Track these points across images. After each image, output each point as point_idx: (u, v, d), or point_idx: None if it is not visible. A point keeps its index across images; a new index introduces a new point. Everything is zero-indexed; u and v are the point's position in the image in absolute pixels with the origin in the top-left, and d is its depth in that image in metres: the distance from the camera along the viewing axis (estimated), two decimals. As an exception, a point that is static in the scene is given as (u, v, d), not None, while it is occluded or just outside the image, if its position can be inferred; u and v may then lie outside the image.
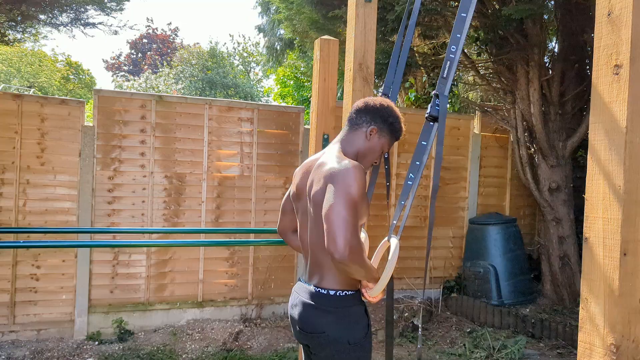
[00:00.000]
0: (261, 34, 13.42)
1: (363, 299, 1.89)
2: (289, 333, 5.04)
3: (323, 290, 1.84)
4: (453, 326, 5.48)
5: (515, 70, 5.69)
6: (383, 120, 1.95)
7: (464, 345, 4.89)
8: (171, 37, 27.60)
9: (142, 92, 13.72)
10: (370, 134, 1.94)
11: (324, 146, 3.25)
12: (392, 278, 1.85)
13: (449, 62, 1.70)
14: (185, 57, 20.19)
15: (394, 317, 5.39)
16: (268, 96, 20.34)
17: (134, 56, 27.34)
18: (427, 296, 6.11)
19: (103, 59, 36.91)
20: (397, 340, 5.01)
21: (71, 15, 4.98)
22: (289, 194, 2.11)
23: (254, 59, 23.29)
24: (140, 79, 20.95)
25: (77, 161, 4.81)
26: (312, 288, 1.87)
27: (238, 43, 26.25)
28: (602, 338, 1.23)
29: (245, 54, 23.42)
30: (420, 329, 1.92)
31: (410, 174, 1.83)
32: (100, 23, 5.21)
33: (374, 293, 1.82)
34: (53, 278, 4.73)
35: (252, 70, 23.97)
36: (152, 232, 4.73)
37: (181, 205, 5.19)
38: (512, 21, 4.99)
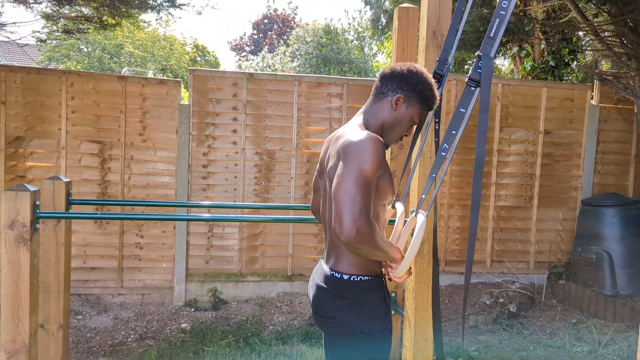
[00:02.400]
0: (367, 7, 13.47)
1: (387, 278, 1.81)
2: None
3: (337, 274, 1.78)
4: (557, 315, 5.33)
5: (640, 31, 5.24)
6: (411, 88, 1.80)
7: (565, 336, 4.77)
8: (291, 16, 28.57)
9: (234, 70, 14.45)
10: (397, 103, 1.81)
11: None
12: (437, 264, 1.85)
13: (497, 20, 1.56)
14: (300, 35, 20.80)
15: (488, 302, 5.38)
16: (377, 71, 20.35)
17: (256, 36, 28.81)
18: (530, 281, 5.97)
19: (227, 41, 39.18)
20: (490, 327, 5.01)
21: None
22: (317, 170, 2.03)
23: (369, 34, 23.36)
24: (257, 58, 22.08)
25: (175, 138, 5.35)
26: (327, 270, 1.82)
27: (353, 18, 26.44)
28: None
29: (360, 29, 23.54)
30: (463, 321, 1.79)
31: (445, 144, 1.69)
32: (185, 4, 5.65)
33: (398, 273, 1.73)
34: (154, 247, 5.36)
35: (367, 45, 24.06)
36: (244, 208, 5.13)
37: (271, 181, 5.57)
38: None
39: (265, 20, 28.66)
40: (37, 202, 2.41)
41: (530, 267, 6.09)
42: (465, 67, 9.72)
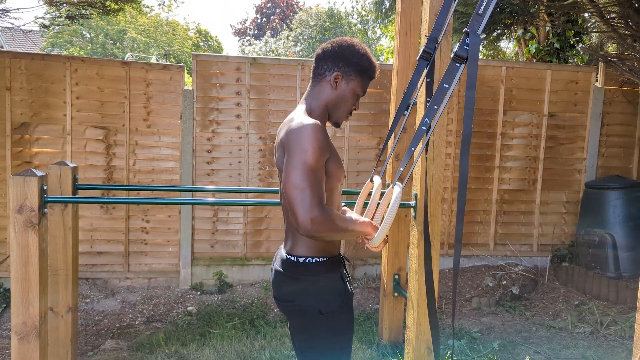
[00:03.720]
0: (370, -11, 13.36)
1: (368, 247, 1.77)
2: (379, 294, 5.31)
3: (293, 257, 1.80)
4: (560, 297, 5.37)
5: (645, 12, 5.19)
6: (347, 63, 1.80)
7: (567, 318, 4.81)
8: (294, 0, 28.37)
9: (237, 55, 14.41)
10: (336, 82, 1.80)
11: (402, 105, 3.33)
12: (429, 255, 1.81)
13: None
14: (303, 19, 20.71)
15: (491, 284, 5.42)
16: (381, 54, 20.28)
17: (259, 21, 28.65)
18: (533, 264, 6.01)
19: (231, 25, 39.02)
20: (492, 309, 5.06)
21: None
22: None
23: (373, 17, 23.20)
24: (260, 42, 22.02)
25: (179, 123, 5.37)
26: (284, 254, 1.85)
27: (356, 1, 26.25)
28: None
29: (363, 12, 23.41)
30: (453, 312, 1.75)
31: (426, 118, 1.68)
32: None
33: (374, 243, 1.72)
34: (160, 232, 5.41)
35: (371, 28, 23.92)
36: (248, 192, 5.16)
37: (275, 165, 5.59)
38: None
39: (269, 4, 28.51)
40: (45, 187, 2.44)
41: (533, 250, 6.12)
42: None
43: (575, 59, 7.69)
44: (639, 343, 1.30)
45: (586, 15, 7.21)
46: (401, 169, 1.83)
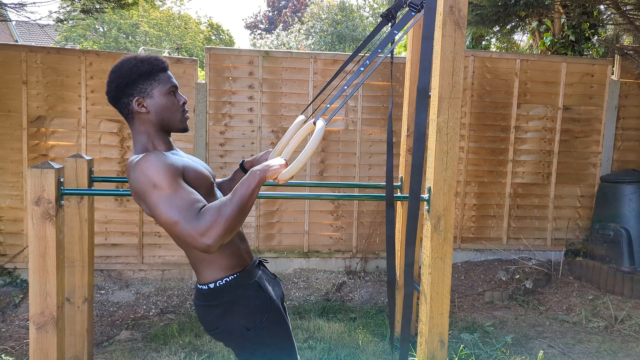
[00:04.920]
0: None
1: (275, 181, 1.65)
2: (392, 288, 5.31)
3: (204, 287, 1.73)
4: (574, 292, 5.33)
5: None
6: (132, 83, 1.66)
7: (582, 312, 4.78)
8: None
9: (250, 48, 14.43)
10: (143, 106, 1.68)
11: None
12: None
13: None
14: (315, 12, 20.64)
15: (504, 278, 5.40)
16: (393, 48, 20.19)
17: (270, 14, 28.59)
18: (546, 258, 5.97)
19: (242, 18, 39.01)
20: (505, 303, 5.04)
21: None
22: None
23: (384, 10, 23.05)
24: (272, 36, 21.99)
25: (192, 117, 5.39)
26: (196, 286, 1.79)
27: None
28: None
29: (375, 5, 23.27)
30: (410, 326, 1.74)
31: (367, 60, 1.65)
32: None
33: (283, 177, 1.63)
34: (174, 224, 5.45)
35: None
36: (260, 185, 5.20)
37: (287, 158, 5.59)
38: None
39: (281, -3, 28.44)
40: (62, 179, 2.47)
41: (547, 244, 6.08)
42: (483, 42, 9.57)
43: (590, 52, 7.59)
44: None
45: (602, 7, 7.10)
46: (329, 105, 1.79)
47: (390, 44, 1.69)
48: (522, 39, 10.50)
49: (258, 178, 1.55)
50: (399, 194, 3.90)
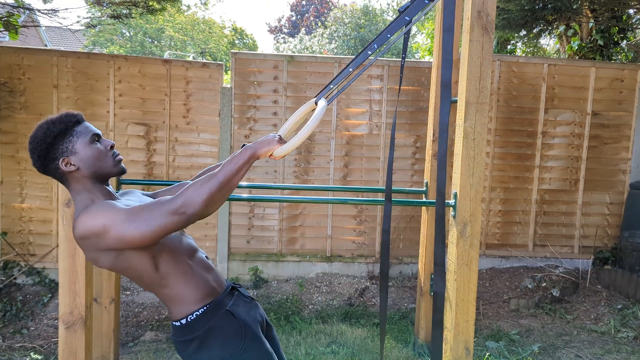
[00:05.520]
0: (406, -15, 13.24)
1: (270, 157, 1.62)
2: (415, 293, 5.27)
3: (177, 323, 1.73)
4: (602, 301, 5.22)
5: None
6: (51, 148, 1.62)
7: (610, 322, 4.68)
8: None
9: (274, 52, 14.52)
10: (71, 164, 1.63)
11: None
12: (387, 276, 1.72)
13: None
14: (338, 16, 20.71)
15: (530, 286, 5.31)
16: (417, 52, 20.17)
17: (294, 18, 28.81)
18: (574, 266, 5.86)
19: (266, 22, 39.37)
20: (532, 311, 4.96)
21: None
22: None
23: (410, 14, 22.99)
24: (295, 40, 22.13)
25: (217, 120, 5.44)
26: (171, 323, 1.78)
27: None
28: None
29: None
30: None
31: (375, 44, 1.65)
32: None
33: (279, 153, 1.59)
34: (198, 226, 5.50)
35: None
36: (284, 189, 5.22)
37: (310, 163, 5.61)
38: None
39: (303, 2, 28.59)
40: (92, 182, 2.51)
41: (574, 252, 5.96)
42: (509, 47, 9.47)
43: (619, 56, 7.45)
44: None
45: (631, 11, 6.98)
46: (331, 86, 1.76)
47: (403, 27, 1.69)
48: (548, 43, 10.36)
49: (248, 154, 1.54)
50: (423, 199, 3.88)
